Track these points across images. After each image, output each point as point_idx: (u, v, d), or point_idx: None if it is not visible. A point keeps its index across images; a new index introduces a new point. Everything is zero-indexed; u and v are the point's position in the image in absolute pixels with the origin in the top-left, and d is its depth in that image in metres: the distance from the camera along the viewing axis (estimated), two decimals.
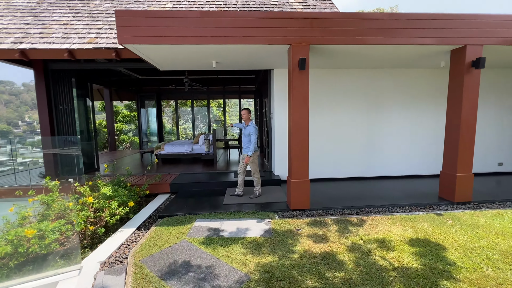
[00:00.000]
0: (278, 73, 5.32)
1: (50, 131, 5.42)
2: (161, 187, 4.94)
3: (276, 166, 5.55)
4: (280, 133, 5.43)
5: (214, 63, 4.53)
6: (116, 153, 10.18)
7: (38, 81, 5.25)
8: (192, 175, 5.68)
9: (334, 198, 4.38)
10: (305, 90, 3.67)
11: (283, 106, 5.34)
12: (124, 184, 4.39)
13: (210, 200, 4.35)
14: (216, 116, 16.77)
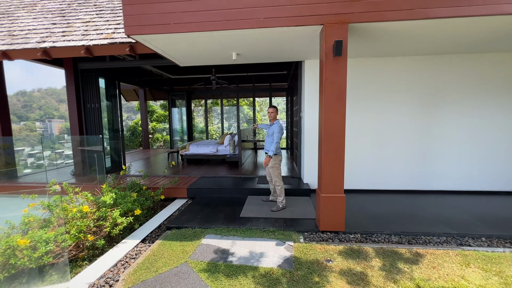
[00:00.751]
0: (310, 65, 4.57)
1: (79, 130, 5.51)
2: (178, 191, 4.61)
3: (306, 172, 4.81)
4: (310, 135, 4.67)
5: (234, 55, 3.99)
6: (149, 151, 10.43)
7: (68, 81, 5.36)
8: (212, 179, 5.26)
9: (376, 217, 3.50)
10: (341, 82, 2.90)
11: (314, 104, 4.57)
12: (138, 187, 4.15)
13: (227, 210, 3.83)
14: (247, 115, 16.41)
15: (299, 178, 5.18)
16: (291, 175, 5.38)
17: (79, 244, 2.77)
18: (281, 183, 3.78)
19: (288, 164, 6.79)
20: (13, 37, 4.21)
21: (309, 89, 4.60)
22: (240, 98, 15.13)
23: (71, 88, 5.35)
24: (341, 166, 3.00)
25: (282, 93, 11.08)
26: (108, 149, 6.20)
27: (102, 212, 2.80)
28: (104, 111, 6.02)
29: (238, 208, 3.92)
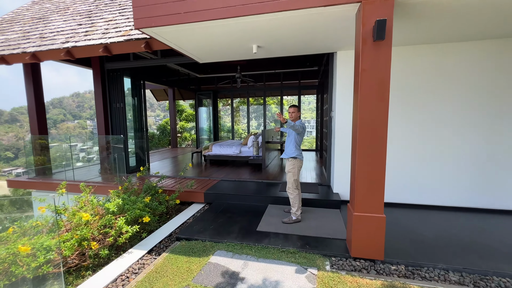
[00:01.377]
0: (343, 56, 3.94)
1: (105, 130, 5.60)
2: (195, 195, 4.35)
3: (336, 180, 4.19)
4: (342, 138, 4.05)
5: (255, 47, 3.56)
6: (177, 150, 10.55)
7: (96, 81, 5.46)
8: (232, 182, 4.92)
9: (426, 243, 2.79)
10: (383, 74, 2.29)
11: (347, 102, 3.94)
12: (153, 191, 3.97)
13: (243, 221, 3.43)
14: (275, 114, 15.89)
15: (328, 187, 4.57)
16: (319, 182, 4.79)
17: (84, 252, 2.61)
18: (294, 192, 3.31)
19: (316, 168, 6.17)
20: (42, 39, 4.34)
21: (341, 84, 3.98)
22: (267, 97, 14.72)
23: (98, 88, 5.45)
24: (381, 179, 2.39)
25: (312, 90, 10.37)
26: (133, 148, 6.25)
27: (106, 220, 2.60)
28: (129, 110, 6.06)
29: (256, 219, 3.50)
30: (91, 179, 5.31)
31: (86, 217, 2.44)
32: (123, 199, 2.98)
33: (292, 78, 9.47)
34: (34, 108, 5.46)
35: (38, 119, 5.52)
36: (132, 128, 6.20)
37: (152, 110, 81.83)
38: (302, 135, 3.34)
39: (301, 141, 3.37)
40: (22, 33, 4.82)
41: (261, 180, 5.00)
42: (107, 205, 2.67)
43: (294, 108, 3.39)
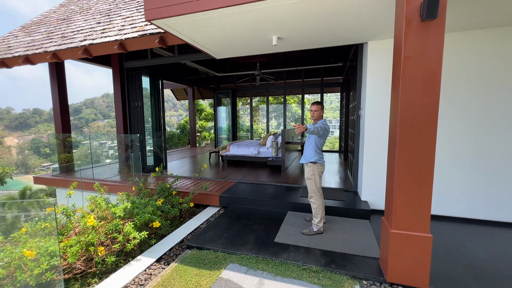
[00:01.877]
0: (375, 47, 3.48)
1: (124, 128, 5.60)
2: (210, 198, 4.13)
3: (365, 186, 3.74)
4: (372, 139, 3.59)
5: (275, 39, 3.24)
6: (196, 149, 10.53)
7: (115, 80, 5.46)
8: (250, 185, 4.64)
9: (486, 270, 2.28)
10: (433, 61, 1.86)
11: (379, 98, 3.48)
12: (167, 192, 3.80)
13: (260, 230, 3.13)
14: (295, 113, 15.40)
15: (355, 193, 4.12)
16: (344, 188, 4.35)
17: (92, 257, 2.47)
18: (317, 201, 2.94)
19: (340, 172, 5.70)
20: (63, 39, 4.37)
21: (372, 79, 3.52)
22: (287, 95, 14.30)
23: (117, 86, 5.45)
24: (427, 190, 1.96)
25: (336, 88, 9.80)
26: (151, 147, 6.22)
27: (113, 226, 2.44)
28: (147, 109, 6.03)
29: (274, 227, 3.18)
30: (109, 178, 5.32)
31: (90, 222, 2.29)
32: (132, 202, 2.81)
33: (315, 75, 9.00)
34: (58, 108, 5.60)
35: (62, 119, 5.66)
36: (150, 127, 6.17)
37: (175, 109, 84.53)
38: (324, 137, 2.97)
39: (322, 143, 3.00)
40: (47, 33, 4.94)
41: (280, 183, 4.67)
42: (113, 209, 2.51)
43: (317, 106, 3.01)
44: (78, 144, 26.38)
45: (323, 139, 2.98)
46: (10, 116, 69.65)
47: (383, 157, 3.48)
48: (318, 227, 2.95)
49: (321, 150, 3.01)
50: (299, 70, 9.01)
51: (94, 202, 2.97)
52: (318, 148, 2.97)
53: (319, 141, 2.95)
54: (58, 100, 5.55)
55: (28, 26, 5.90)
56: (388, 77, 3.40)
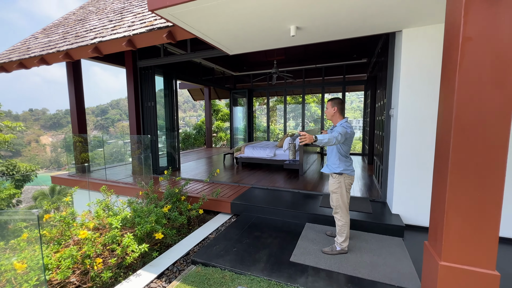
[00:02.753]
0: (412, 35, 2.98)
1: (137, 129, 5.49)
2: (221, 205, 3.83)
3: (396, 197, 3.24)
4: (407, 142, 3.09)
5: (293, 29, 2.86)
6: (212, 150, 10.38)
7: (128, 79, 5.37)
8: (264, 191, 4.29)
9: None
10: (506, 43, 1.39)
11: (415, 95, 2.98)
12: (175, 198, 3.57)
13: (274, 245, 2.77)
14: (314, 113, 14.80)
15: (383, 204, 3.62)
16: (370, 197, 3.85)
17: (88, 271, 2.26)
18: (343, 218, 2.49)
19: (364, 178, 5.16)
20: (76, 38, 4.31)
21: (407, 74, 3.02)
22: (306, 95, 13.76)
23: (130, 86, 5.35)
24: (494, 213, 1.49)
25: (359, 86, 9.17)
26: (164, 148, 6.08)
27: (109, 238, 2.21)
28: (161, 109, 5.90)
29: (289, 242, 2.80)
30: (122, 179, 5.23)
31: (83, 234, 2.07)
32: (134, 210, 2.58)
33: (336, 73, 8.45)
34: (75, 108, 5.62)
35: (78, 119, 5.68)
36: (164, 127, 6.04)
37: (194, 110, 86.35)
38: (349, 142, 2.45)
39: (347, 150, 2.48)
40: (63, 34, 4.94)
41: (298, 190, 4.27)
42: (109, 219, 2.28)
43: (328, 103, 2.54)
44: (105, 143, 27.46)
45: (348, 145, 2.47)
46: (45, 117, 75.20)
47: (420, 163, 2.98)
48: (342, 247, 2.52)
49: (347, 157, 2.50)
50: (319, 67, 8.52)
51: (100, 207, 2.78)
52: (343, 156, 2.47)
53: (342, 148, 2.46)
54: (75, 101, 5.57)
55: (48, 28, 6.02)
56: (427, 71, 2.90)
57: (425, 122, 2.96)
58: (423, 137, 2.99)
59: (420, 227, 3.12)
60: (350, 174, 2.49)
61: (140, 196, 3.51)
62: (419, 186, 3.07)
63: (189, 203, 3.73)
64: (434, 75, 2.86)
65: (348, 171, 2.47)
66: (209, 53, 4.50)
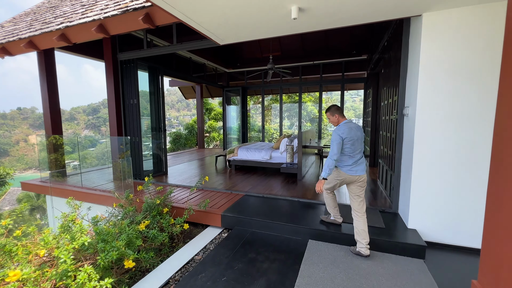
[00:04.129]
0: (433, 21, 2.53)
1: (118, 130, 4.93)
2: (210, 217, 3.34)
3: (414, 209, 2.79)
4: (427, 145, 2.65)
5: (294, 11, 2.38)
6: (204, 151, 9.84)
7: (108, 74, 4.81)
8: (259, 199, 3.81)
9: None
10: None
11: (438, 91, 2.54)
12: (156, 211, 3.05)
13: (272, 270, 2.29)
14: (311, 113, 14.39)
15: (394, 214, 3.18)
16: (379, 207, 3.41)
17: None
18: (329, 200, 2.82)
19: (368, 183, 4.73)
20: (42, 25, 3.74)
21: (428, 67, 2.58)
22: (303, 93, 13.33)
23: (110, 82, 4.79)
24: None
25: (359, 84, 8.78)
26: (150, 150, 5.54)
27: (58, 275, 1.68)
28: (146, 108, 5.36)
29: (291, 267, 2.32)
30: (101, 186, 4.67)
31: (14, 276, 1.53)
32: (97, 233, 2.05)
33: (334, 70, 8.03)
34: (48, 106, 5.01)
35: (52, 119, 5.07)
36: (149, 127, 5.49)
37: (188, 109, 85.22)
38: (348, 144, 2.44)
39: (350, 150, 2.46)
40: (31, 21, 4.35)
41: (297, 198, 3.80)
42: (56, 251, 1.75)
43: (327, 114, 2.64)
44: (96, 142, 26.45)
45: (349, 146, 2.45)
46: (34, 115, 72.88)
47: (445, 170, 2.55)
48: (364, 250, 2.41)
49: (351, 156, 2.48)
50: (317, 64, 8.09)
51: (59, 227, 2.24)
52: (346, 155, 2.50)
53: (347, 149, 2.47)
54: (48, 98, 4.96)
55: (18, 16, 5.39)
56: (452, 62, 2.46)
57: (450, 122, 2.53)
58: (448, 139, 2.56)
59: (444, 245, 2.69)
60: (347, 173, 2.49)
61: (116, 207, 2.98)
62: (443, 197, 2.64)
63: (172, 216, 3.23)
64: (462, 66, 2.43)
65: (344, 169, 2.51)
66: (197, 45, 3.98)
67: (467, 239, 2.60)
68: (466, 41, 2.40)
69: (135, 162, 5.01)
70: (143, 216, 2.92)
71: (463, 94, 2.46)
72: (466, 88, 2.44)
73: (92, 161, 22.52)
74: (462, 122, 2.48)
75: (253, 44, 8.38)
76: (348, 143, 2.42)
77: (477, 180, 2.48)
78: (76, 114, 77.88)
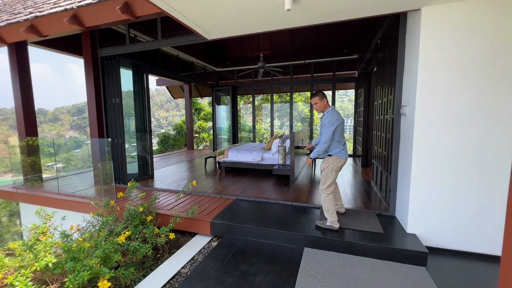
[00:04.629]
0: (433, 16, 2.41)
1: (99, 131, 4.60)
2: (199, 225, 3.10)
3: (412, 213, 2.67)
4: (427, 146, 2.53)
5: (289, 1, 2.20)
6: (193, 152, 9.53)
7: (87, 71, 4.47)
8: (251, 204, 3.61)
9: None
10: None
11: (439, 89, 2.42)
12: (138, 220, 2.80)
13: (267, 283, 2.09)
14: (302, 112, 14.32)
15: (391, 218, 3.06)
16: (375, 210, 3.29)
17: None
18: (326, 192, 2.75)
19: (359, 183, 4.62)
20: (10, 15, 3.39)
21: (428, 62, 2.45)
22: (294, 93, 13.26)
23: (89, 79, 4.46)
24: None
25: (350, 84, 8.73)
26: (134, 152, 5.23)
27: None
28: (130, 108, 5.05)
29: (286, 280, 2.14)
30: (80, 192, 4.33)
31: None
32: (65, 251, 1.79)
33: (325, 69, 7.94)
34: (20, 106, 4.62)
35: (25, 119, 4.68)
36: (134, 128, 5.18)
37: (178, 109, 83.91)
38: (338, 129, 2.64)
39: (339, 134, 2.67)
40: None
41: (291, 201, 3.63)
42: (10, 278, 1.46)
43: (314, 98, 2.73)
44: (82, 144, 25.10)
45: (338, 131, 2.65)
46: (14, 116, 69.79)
47: (447, 172, 2.44)
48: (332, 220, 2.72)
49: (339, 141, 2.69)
50: (308, 64, 7.98)
51: (19, 248, 1.96)
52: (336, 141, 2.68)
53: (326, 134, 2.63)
54: (20, 96, 4.57)
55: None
56: (455, 58, 2.35)
57: (453, 121, 2.42)
58: (450, 139, 2.44)
59: (446, 250, 2.57)
60: (340, 157, 2.67)
61: (94, 216, 2.71)
62: (444, 199, 2.52)
63: (157, 224, 2.98)
64: (464, 63, 2.32)
65: (339, 154, 2.66)
66: (183, 40, 3.74)
67: (471, 244, 2.49)
68: (468, 36, 2.29)
69: (118, 165, 4.70)
70: (124, 226, 2.66)
71: (466, 91, 2.35)
72: (469, 85, 2.33)
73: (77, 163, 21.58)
74: (466, 121, 2.37)
75: (243, 42, 8.17)
76: (339, 128, 2.61)
77: (482, 182, 2.38)
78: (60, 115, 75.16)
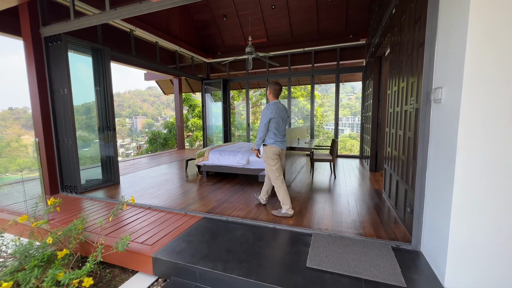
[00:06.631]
0: None
1: (44, 128, 3.75)
2: (138, 260, 2.20)
3: (455, 254, 1.68)
4: (483, 143, 1.54)
5: None
6: (183, 152, 8.67)
7: (27, 55, 3.63)
8: (220, 226, 2.68)
9: None
10: None
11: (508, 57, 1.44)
12: (41, 257, 1.92)
13: None
14: (303, 108, 13.28)
15: (416, 254, 2.09)
16: (391, 241, 2.31)
17: None
18: (276, 184, 2.84)
19: (366, 193, 3.63)
20: None
21: (488, 10, 1.47)
22: (294, 87, 12.29)
23: (30, 65, 3.62)
24: None
25: (357, 75, 7.71)
26: (97, 155, 4.38)
27: None
28: (89, 101, 4.20)
29: None
30: (11, 205, 3.49)
31: None
32: None
33: (327, 59, 6.94)
34: None
35: None
36: (94, 126, 4.33)
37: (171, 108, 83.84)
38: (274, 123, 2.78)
39: (274, 126, 2.80)
40: None
41: (273, 223, 2.68)
42: None
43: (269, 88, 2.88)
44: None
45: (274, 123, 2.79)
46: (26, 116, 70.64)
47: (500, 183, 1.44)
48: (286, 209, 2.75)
49: (275, 133, 2.82)
50: (308, 52, 7.00)
51: None
52: (271, 132, 2.82)
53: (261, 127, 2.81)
54: None
55: None
56: None
57: None
58: None
59: None
60: (274, 145, 2.80)
61: None
62: (510, 237, 1.55)
63: (75, 268, 2.09)
64: None
65: (274, 144, 2.80)
66: (134, 10, 2.83)
67: None
68: None
69: (67, 170, 3.85)
70: (13, 271, 1.78)
71: None
72: None
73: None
74: None
75: (235, 29, 7.25)
76: (274, 121, 2.76)
77: None
78: None
